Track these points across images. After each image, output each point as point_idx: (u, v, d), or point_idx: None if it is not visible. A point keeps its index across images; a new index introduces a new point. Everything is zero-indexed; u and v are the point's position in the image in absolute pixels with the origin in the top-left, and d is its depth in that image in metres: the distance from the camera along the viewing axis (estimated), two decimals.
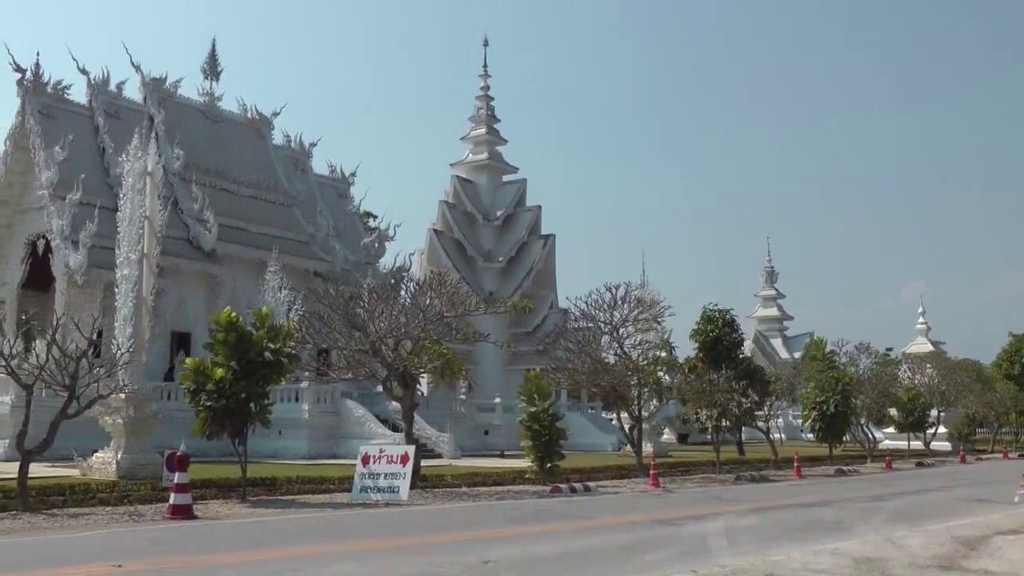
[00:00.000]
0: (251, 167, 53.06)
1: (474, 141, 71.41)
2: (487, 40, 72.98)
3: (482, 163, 70.62)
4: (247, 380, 21.94)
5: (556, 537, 16.46)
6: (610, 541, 15.75)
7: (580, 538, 16.27)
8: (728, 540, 15.55)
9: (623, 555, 14.11)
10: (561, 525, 18.31)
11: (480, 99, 71.87)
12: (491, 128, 71.25)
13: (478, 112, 71.44)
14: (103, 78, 49.15)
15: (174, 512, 18.06)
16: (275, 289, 43.48)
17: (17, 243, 46.24)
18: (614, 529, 17.56)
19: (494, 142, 71.52)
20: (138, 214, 26.85)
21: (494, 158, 71.06)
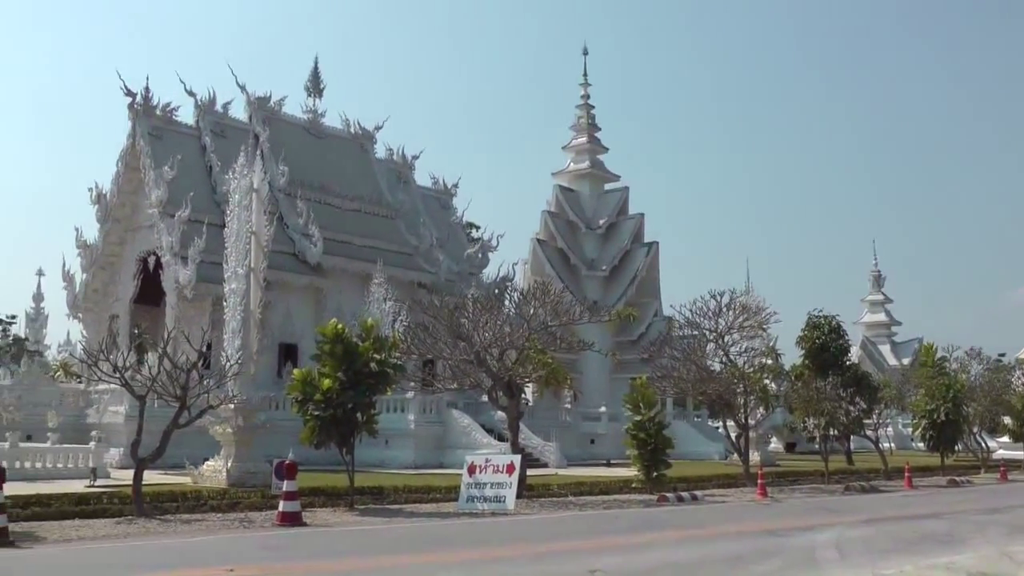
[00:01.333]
0: (355, 181, 53.66)
1: (575, 150, 71.23)
2: (586, 48, 72.68)
3: (584, 172, 70.42)
4: (354, 390, 22.12)
5: (663, 546, 16.29)
6: (718, 551, 15.55)
7: (687, 548, 16.08)
8: (838, 552, 15.17)
9: (731, 566, 13.93)
10: (668, 534, 18.11)
11: (580, 108, 71.64)
12: (592, 137, 71.00)
13: (578, 121, 71.22)
14: (209, 99, 50.29)
15: (283, 519, 18.29)
16: (380, 301, 43.83)
17: (129, 260, 47.46)
18: (722, 539, 17.33)
19: (595, 150, 71.26)
20: (245, 230, 27.34)
21: (596, 167, 70.82)
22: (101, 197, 47.37)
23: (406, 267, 51.15)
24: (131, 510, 19.27)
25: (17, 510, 17.83)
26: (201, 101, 49.98)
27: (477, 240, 62.29)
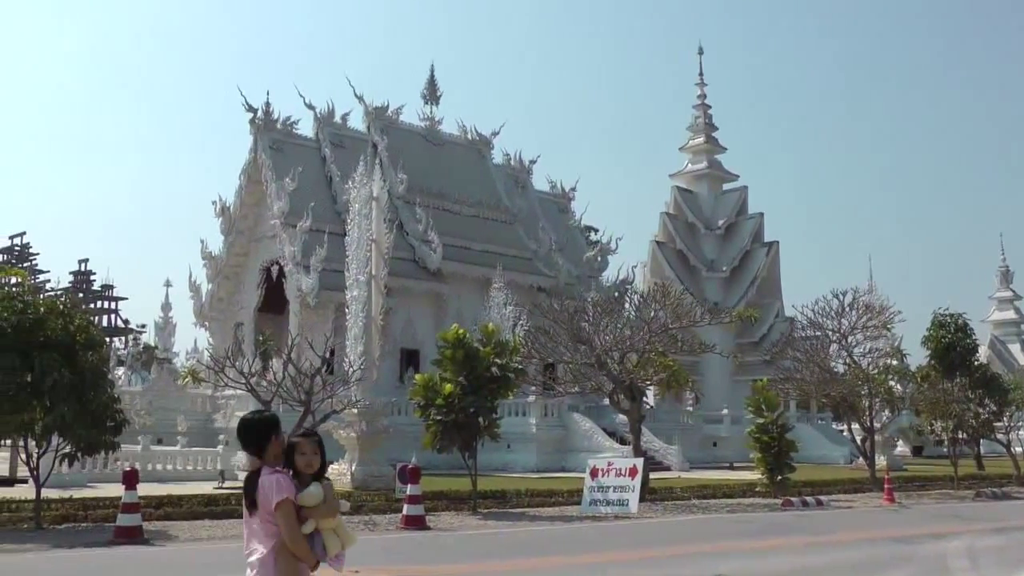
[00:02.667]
0: (473, 187, 54.02)
1: (693, 151, 70.69)
2: (702, 47, 72.07)
3: (702, 172, 69.82)
4: (475, 395, 22.20)
5: (788, 552, 16.05)
6: (844, 558, 15.23)
7: (813, 554, 15.82)
8: (970, 562, 14.67)
9: (858, 573, 13.67)
10: (793, 540, 17.83)
11: (697, 108, 71.05)
12: (709, 136, 70.36)
13: (696, 121, 70.63)
14: (328, 111, 51.27)
15: (407, 522, 18.47)
16: (500, 305, 43.99)
17: (253, 270, 48.56)
18: (848, 546, 16.99)
19: (713, 150, 70.62)
20: (365, 238, 27.72)
21: (714, 167, 70.18)
22: (225, 210, 48.63)
23: (525, 271, 51.28)
24: None
25: (150, 510, 18.36)
26: (320, 113, 51.00)
27: (596, 243, 62.20)
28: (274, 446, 5.39)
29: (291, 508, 5.20)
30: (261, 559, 5.22)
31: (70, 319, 18.28)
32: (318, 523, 5.32)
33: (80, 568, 13.62)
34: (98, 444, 18.41)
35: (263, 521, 5.25)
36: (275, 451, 5.39)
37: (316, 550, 5.29)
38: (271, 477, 5.26)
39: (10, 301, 17.91)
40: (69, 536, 16.58)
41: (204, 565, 13.96)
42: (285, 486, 5.22)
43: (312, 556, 5.28)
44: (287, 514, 5.18)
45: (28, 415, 17.47)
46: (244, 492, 5.37)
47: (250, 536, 5.33)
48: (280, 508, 5.16)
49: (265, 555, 5.21)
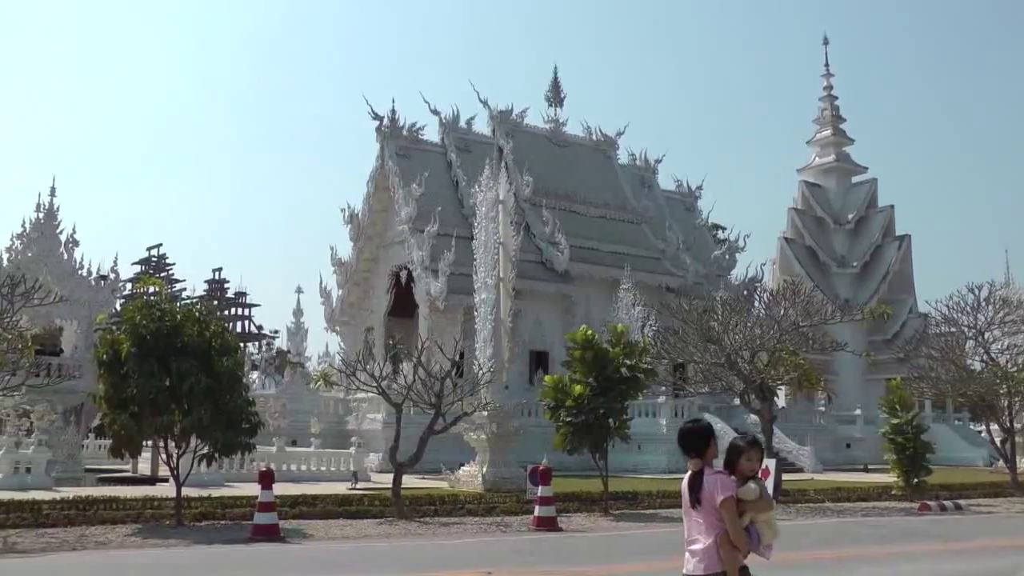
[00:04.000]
0: (598, 187, 54.00)
1: (820, 144, 69.46)
2: (827, 38, 70.76)
3: (829, 166, 68.57)
4: (605, 396, 22.09)
5: (926, 558, 15.52)
6: (985, 567, 14.60)
7: (951, 561, 15.27)
8: None
9: None
10: (931, 546, 17.21)
11: (824, 100, 69.79)
12: (837, 129, 69.03)
13: (822, 113, 69.37)
14: (453, 116, 51.87)
15: (539, 523, 18.47)
16: (628, 306, 43.86)
17: (382, 275, 49.35)
18: (989, 554, 16.32)
19: (841, 143, 69.28)
20: (492, 241, 27.88)
21: (842, 159, 68.83)
22: (354, 217, 49.54)
23: (653, 271, 51.08)
24: (391, 512, 19.89)
25: (285, 508, 18.73)
26: (445, 119, 51.62)
27: (723, 241, 61.65)
28: (712, 449, 6.11)
29: (734, 505, 5.93)
30: (705, 548, 5.95)
31: (206, 326, 18.77)
32: (753, 516, 6.05)
33: (222, 563, 13.95)
34: (234, 445, 18.90)
35: (706, 515, 5.97)
36: (713, 453, 6.12)
37: (752, 540, 6.02)
38: (715, 477, 5.99)
39: (149, 310, 18.48)
40: (209, 533, 17.03)
41: (339, 564, 14.17)
42: (728, 485, 5.96)
43: (748, 545, 6.00)
44: (731, 510, 5.92)
45: (167, 418, 17.99)
46: (689, 489, 6.05)
47: (692, 527, 6.08)
48: (725, 505, 5.90)
49: (708, 545, 5.94)
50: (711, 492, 5.92)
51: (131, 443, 18.93)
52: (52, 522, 17.55)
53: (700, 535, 5.99)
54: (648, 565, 14.10)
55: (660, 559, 14.66)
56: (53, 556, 14.27)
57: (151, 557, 14.27)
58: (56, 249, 36.47)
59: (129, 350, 17.94)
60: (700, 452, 6.07)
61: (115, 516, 18.30)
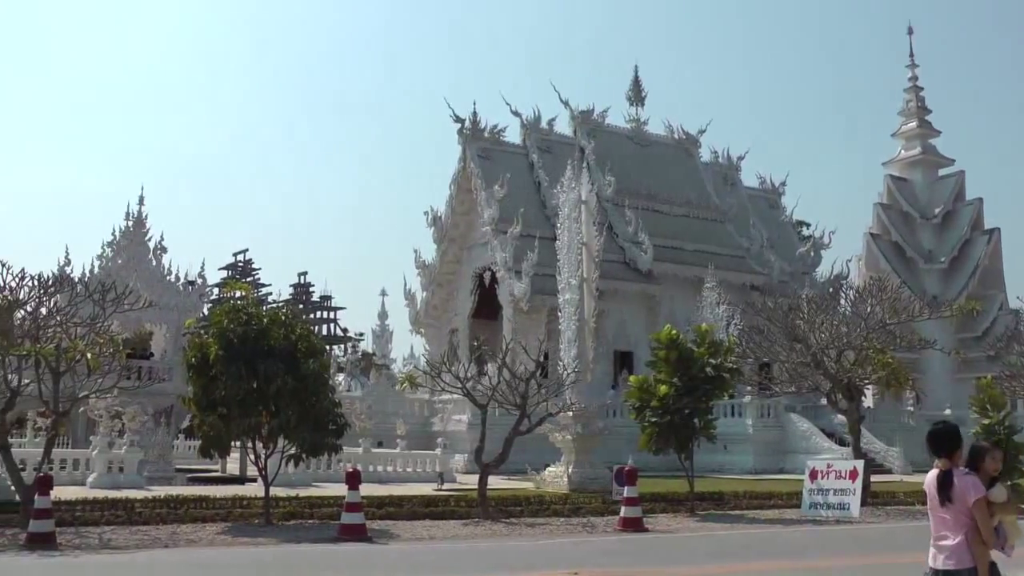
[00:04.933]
0: (681, 186, 53.71)
1: (905, 136, 68.08)
2: (911, 27, 69.21)
3: (915, 159, 67.19)
4: (690, 396, 21.96)
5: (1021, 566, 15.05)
6: None
7: None
8: None
9: None
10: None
11: (909, 91, 68.29)
12: (922, 120, 67.58)
13: (907, 105, 67.95)
14: (534, 117, 51.95)
15: (625, 524, 18.40)
16: (713, 305, 43.57)
17: (466, 277, 49.54)
18: None
19: (927, 135, 67.85)
20: (575, 241, 27.85)
21: (928, 152, 67.42)
22: (437, 219, 49.80)
23: (737, 270, 50.67)
24: (477, 512, 19.94)
25: (372, 509, 18.85)
26: (527, 120, 51.72)
27: (808, 238, 60.91)
28: (961, 450, 6.45)
29: (985, 505, 6.24)
30: (955, 544, 6.28)
31: (292, 329, 19.00)
32: (1001, 517, 6.36)
33: (310, 562, 14.10)
34: (321, 446, 19.12)
35: (956, 513, 6.29)
36: (960, 454, 6.45)
37: (999, 539, 6.31)
38: (966, 479, 6.30)
39: (236, 314, 18.77)
40: (297, 532, 17.22)
41: (426, 564, 14.25)
42: (979, 487, 6.26)
43: (997, 543, 6.29)
44: (983, 510, 6.23)
45: (255, 419, 18.26)
46: (938, 488, 6.36)
47: (941, 525, 6.40)
48: (977, 505, 6.22)
49: (959, 541, 6.27)
50: (963, 492, 6.24)
51: (220, 444, 19.26)
52: (145, 520, 17.92)
53: (949, 532, 6.33)
54: (734, 567, 14.00)
55: (747, 561, 14.56)
56: (146, 553, 14.55)
57: (241, 555, 14.49)
58: (145, 256, 37.27)
59: (217, 353, 18.22)
60: (949, 453, 6.42)
61: (205, 515, 18.63)
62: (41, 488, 15.84)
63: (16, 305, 19.01)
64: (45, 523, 15.44)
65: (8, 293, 18.66)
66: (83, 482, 25.47)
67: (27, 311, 19.28)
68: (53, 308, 19.57)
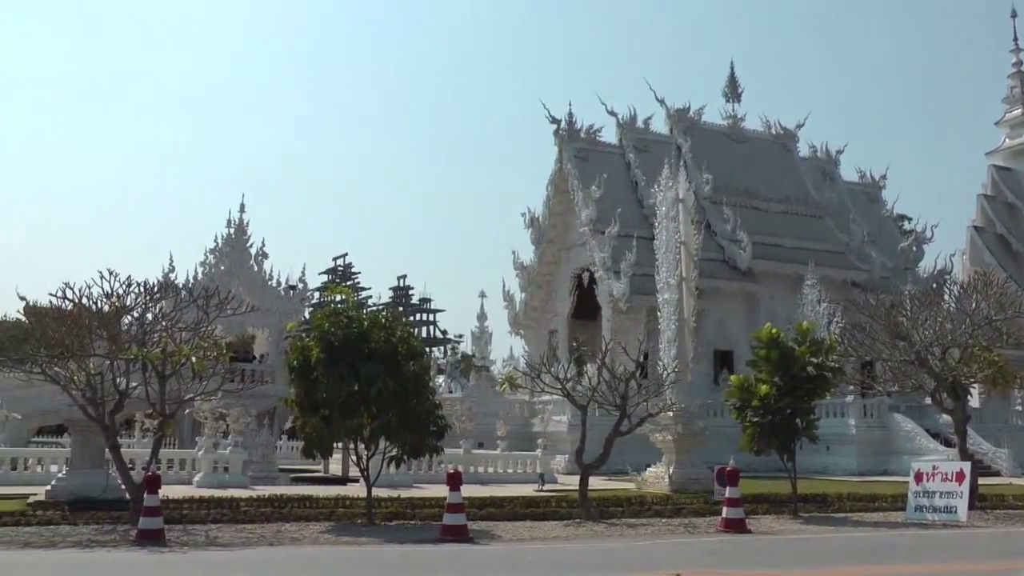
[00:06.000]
0: (779, 182, 53.16)
1: (1010, 124, 66.12)
2: (1015, 11, 67.31)
3: (1020, 147, 65.13)
4: (791, 395, 21.69)
5: None
6: None
7: None
8: None
9: None
10: None
11: (1013, 77, 66.22)
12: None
13: (1011, 92, 65.92)
14: (630, 117, 51.94)
15: (727, 525, 18.24)
16: (813, 303, 43.05)
17: (564, 277, 49.64)
18: None
19: None
20: (673, 240, 27.74)
21: None
22: (534, 221, 50.01)
23: (838, 266, 50.04)
24: (579, 513, 19.93)
25: (474, 510, 18.94)
26: (622, 119, 51.73)
27: (910, 232, 59.86)
28: None
29: None
30: None
31: (392, 331, 19.17)
32: None
33: (412, 562, 14.19)
34: (422, 448, 19.27)
35: None
36: None
37: None
38: None
39: (337, 317, 19.02)
40: (399, 532, 17.36)
41: (528, 564, 14.26)
42: None
43: None
44: None
45: (357, 421, 18.48)
46: None
47: None
48: None
49: None
50: None
51: (322, 445, 19.50)
52: (249, 518, 18.22)
53: None
54: (839, 570, 13.78)
55: (852, 565, 14.34)
56: (252, 550, 14.83)
57: (344, 554, 14.65)
58: (247, 262, 37.91)
59: (319, 356, 18.47)
60: None
61: (308, 514, 18.88)
62: (150, 487, 16.21)
63: (123, 311, 19.45)
64: (154, 520, 15.83)
65: (115, 300, 19.08)
66: (189, 481, 26.13)
67: (134, 317, 19.71)
68: (159, 314, 19.99)
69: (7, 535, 15.94)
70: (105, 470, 20.92)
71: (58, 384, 18.94)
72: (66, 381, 18.77)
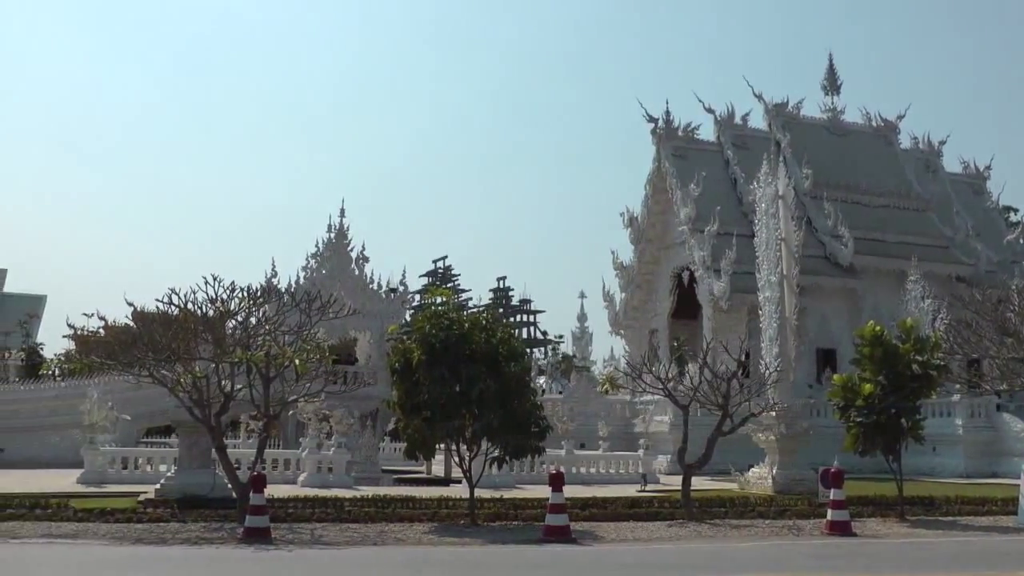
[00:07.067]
0: (880, 175, 52.19)
1: None
2: None
3: None
4: (896, 395, 21.31)
5: None
6: None
7: None
8: None
9: None
10: None
11: None
12: None
13: None
14: (728, 113, 51.48)
15: (832, 528, 18.01)
16: (917, 299, 42.24)
17: (664, 277, 49.43)
18: None
19: None
20: (774, 237, 27.49)
21: None
22: (633, 220, 49.87)
23: (942, 261, 48.95)
24: (681, 514, 19.87)
25: (576, 511, 18.99)
26: (720, 116, 51.33)
27: (1016, 224, 58.37)
28: None
29: None
30: None
31: (492, 333, 19.29)
32: None
33: (516, 562, 14.27)
34: (524, 448, 19.36)
35: None
36: None
37: None
38: None
39: (438, 319, 19.21)
40: (502, 533, 17.47)
41: (632, 565, 14.24)
42: None
43: None
44: None
45: (458, 422, 18.64)
46: None
47: None
48: None
49: None
50: None
51: (424, 446, 19.71)
52: (354, 518, 18.51)
53: None
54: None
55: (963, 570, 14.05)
56: (357, 549, 15.09)
57: (448, 554, 14.79)
58: (348, 266, 38.46)
59: (420, 358, 18.66)
60: None
61: (412, 514, 19.09)
62: (256, 486, 16.54)
63: (228, 315, 19.89)
64: (260, 519, 16.18)
65: (220, 304, 19.50)
66: (294, 481, 26.55)
67: (238, 321, 20.13)
68: (262, 318, 20.37)
69: (120, 531, 16.48)
70: (212, 470, 21.35)
71: (165, 387, 19.47)
72: (173, 384, 19.28)
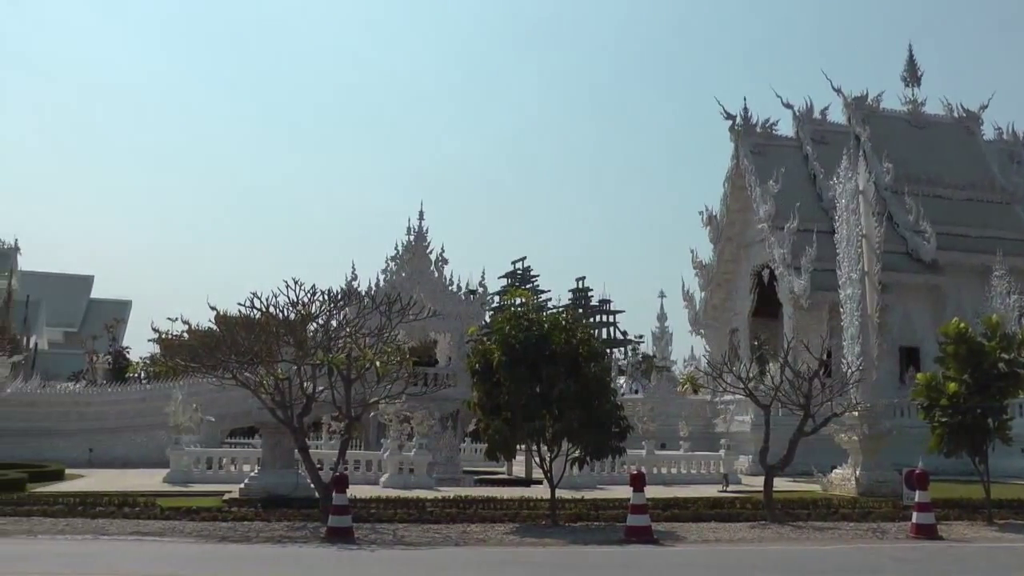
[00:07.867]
0: (963, 168, 51.20)
1: None
2: None
3: None
4: (982, 394, 20.86)
5: None
6: None
7: None
8: None
9: None
10: None
11: None
12: None
13: None
14: (806, 108, 50.97)
15: (918, 531, 17.72)
16: (1003, 294, 41.41)
17: (744, 275, 49.04)
18: None
19: None
20: (855, 233, 27.17)
21: None
22: (712, 219, 49.62)
23: None
24: (763, 515, 19.73)
25: (658, 511, 18.99)
26: (798, 112, 50.87)
27: None
28: None
29: None
30: None
31: (572, 333, 19.32)
32: None
33: (598, 563, 14.28)
34: (605, 449, 19.37)
35: None
36: None
37: None
38: None
39: (517, 320, 19.30)
40: (583, 533, 17.48)
41: (715, 566, 14.21)
42: None
43: None
44: None
45: (539, 422, 18.69)
46: None
47: None
48: None
49: None
50: None
51: (505, 447, 19.77)
52: (435, 519, 18.65)
53: None
54: None
55: None
56: (439, 550, 15.21)
57: (530, 555, 14.85)
58: (427, 268, 38.71)
59: (500, 359, 18.74)
60: None
61: (493, 515, 19.19)
62: (338, 486, 16.75)
63: (309, 319, 20.17)
64: (343, 519, 16.40)
65: (301, 308, 19.79)
66: (376, 482, 26.84)
67: (319, 324, 20.41)
68: (343, 320, 20.58)
69: (205, 530, 16.80)
70: (295, 470, 21.64)
71: (248, 388, 19.81)
72: (256, 386, 19.62)
